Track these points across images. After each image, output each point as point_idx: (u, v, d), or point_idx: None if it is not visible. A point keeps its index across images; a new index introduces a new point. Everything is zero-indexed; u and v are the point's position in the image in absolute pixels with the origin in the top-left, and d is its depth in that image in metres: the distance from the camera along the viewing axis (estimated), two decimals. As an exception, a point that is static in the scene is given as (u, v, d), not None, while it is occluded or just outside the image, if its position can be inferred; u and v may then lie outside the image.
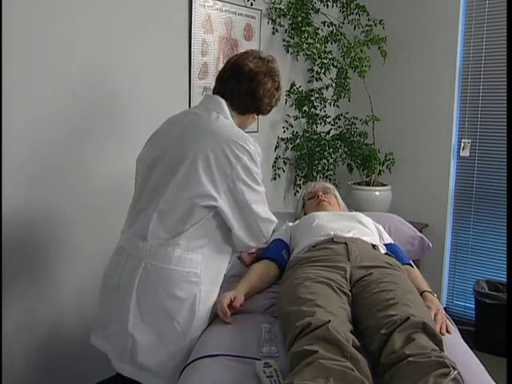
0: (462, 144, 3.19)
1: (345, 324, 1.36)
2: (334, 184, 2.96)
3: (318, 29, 3.18)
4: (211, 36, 2.68)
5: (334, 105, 3.35)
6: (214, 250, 1.60)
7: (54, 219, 2.10)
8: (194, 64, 2.61)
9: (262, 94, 1.66)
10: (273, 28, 3.10)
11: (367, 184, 3.27)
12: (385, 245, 1.96)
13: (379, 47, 3.13)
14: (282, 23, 3.15)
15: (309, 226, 1.98)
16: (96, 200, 2.23)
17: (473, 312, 3.10)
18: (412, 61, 3.34)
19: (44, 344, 2.12)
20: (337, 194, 2.37)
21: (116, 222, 1.86)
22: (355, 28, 3.18)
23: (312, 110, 3.32)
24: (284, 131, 3.29)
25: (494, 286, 3.03)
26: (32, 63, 1.94)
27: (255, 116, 1.76)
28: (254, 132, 2.99)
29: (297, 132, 3.34)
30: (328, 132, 3.37)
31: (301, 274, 1.61)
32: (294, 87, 3.28)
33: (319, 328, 1.26)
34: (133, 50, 2.30)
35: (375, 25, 3.15)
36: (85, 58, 2.11)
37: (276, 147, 3.28)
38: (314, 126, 3.36)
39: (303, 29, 3.13)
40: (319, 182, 2.49)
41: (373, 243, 1.85)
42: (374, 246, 1.84)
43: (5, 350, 1.95)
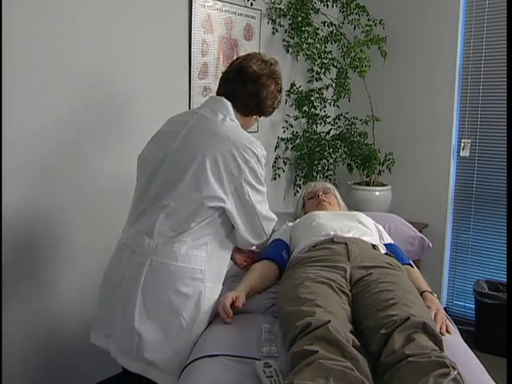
0: (462, 144, 3.19)
1: (345, 324, 1.36)
2: (334, 184, 2.96)
3: (318, 29, 3.18)
4: (211, 36, 2.68)
5: (334, 105, 3.35)
6: (217, 247, 1.63)
7: (55, 219, 2.10)
8: (194, 64, 2.61)
9: (266, 96, 1.69)
10: (273, 28, 3.10)
11: (367, 184, 3.27)
12: (385, 245, 1.96)
13: (379, 47, 3.13)
14: (282, 23, 3.15)
15: (309, 226, 1.98)
16: (96, 200, 2.23)
17: (473, 312, 3.10)
18: (412, 61, 3.34)
19: (44, 344, 2.12)
20: (337, 194, 2.37)
21: (116, 222, 1.86)
22: (355, 28, 3.18)
23: (312, 110, 3.32)
24: (284, 131, 3.29)
25: (494, 286, 3.03)
26: (32, 63, 1.94)
27: (258, 118, 1.78)
28: (254, 132, 2.99)
29: (297, 132, 3.34)
30: (328, 132, 3.37)
31: (301, 274, 1.61)
32: (294, 87, 3.28)
33: (319, 328, 1.26)
34: (133, 50, 2.30)
35: (375, 25, 3.15)
36: (85, 59, 2.12)
37: (276, 147, 3.28)
38: (314, 126, 3.36)
39: (303, 29, 3.13)
40: (319, 182, 2.49)
41: (373, 243, 1.85)
42: (374, 246, 1.84)
43: (5, 350, 1.95)
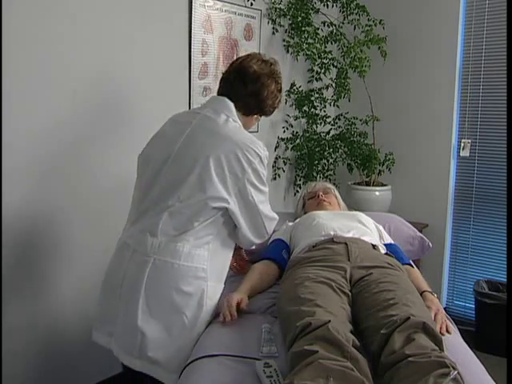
0: (462, 144, 3.19)
1: (345, 324, 1.36)
2: (334, 184, 2.96)
3: (318, 29, 3.18)
4: (211, 36, 2.68)
5: (334, 105, 3.35)
6: (219, 246, 1.64)
7: (55, 219, 2.10)
8: (194, 64, 2.61)
9: (266, 96, 1.70)
10: (273, 28, 3.10)
11: (367, 184, 3.27)
12: (385, 245, 1.96)
13: (379, 47, 3.13)
14: (282, 23, 3.14)
15: (309, 226, 1.98)
16: (96, 200, 2.23)
17: (473, 312, 3.10)
18: (412, 61, 3.34)
19: (45, 343, 2.12)
20: (337, 194, 2.38)
21: (116, 222, 1.86)
22: (355, 28, 3.18)
23: (312, 110, 3.32)
24: (284, 131, 3.29)
25: (494, 286, 3.03)
26: (32, 64, 1.94)
27: (258, 117, 1.79)
28: (254, 132, 2.99)
29: (297, 132, 3.34)
30: (328, 132, 3.37)
31: (301, 274, 1.61)
32: (294, 87, 3.28)
33: (319, 328, 1.26)
34: (133, 50, 2.30)
35: (375, 25, 3.15)
36: (85, 58, 2.11)
37: (276, 147, 3.28)
38: (314, 126, 3.35)
39: (303, 29, 3.13)
40: (319, 182, 2.49)
41: (373, 243, 1.85)
42: (374, 246, 1.84)
43: (5, 350, 1.95)
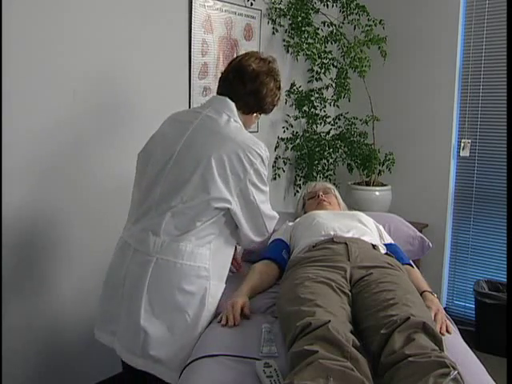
0: (462, 144, 3.19)
1: (345, 324, 1.36)
2: (334, 184, 2.96)
3: (318, 29, 3.18)
4: (211, 36, 2.68)
5: (334, 105, 3.35)
6: (221, 245, 1.65)
7: (55, 219, 2.10)
8: (194, 64, 2.61)
9: (265, 94, 1.71)
10: (273, 28, 3.10)
11: (367, 184, 3.27)
12: (385, 245, 1.96)
13: (379, 47, 3.12)
14: (282, 23, 3.14)
15: (308, 225, 1.98)
16: (97, 200, 2.23)
17: (473, 312, 3.10)
18: (412, 61, 3.34)
19: (44, 343, 2.12)
20: (337, 194, 2.37)
21: (116, 222, 1.86)
22: (355, 28, 3.18)
23: (312, 110, 3.32)
24: (284, 131, 3.29)
25: (494, 286, 3.03)
26: (32, 64, 1.94)
27: (258, 115, 1.80)
28: (255, 132, 2.99)
29: (297, 132, 3.34)
30: (328, 132, 3.37)
31: (301, 274, 1.61)
32: (294, 87, 3.28)
33: (319, 328, 1.26)
34: (133, 50, 2.30)
35: (375, 25, 3.14)
36: (85, 58, 2.11)
37: (276, 147, 3.28)
38: (314, 126, 3.35)
39: (303, 29, 3.13)
40: (319, 182, 2.49)
41: (373, 243, 1.85)
42: (374, 246, 1.84)
43: (5, 349, 1.95)
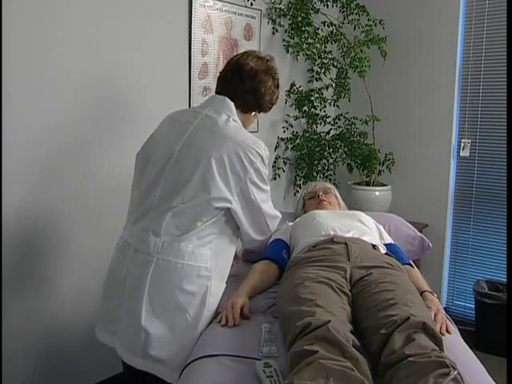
0: (462, 144, 3.19)
1: (345, 324, 1.36)
2: (334, 184, 2.96)
3: (318, 29, 3.18)
4: (211, 36, 2.68)
5: (334, 105, 3.35)
6: (222, 245, 1.65)
7: (55, 220, 2.10)
8: (194, 64, 2.61)
9: (264, 92, 1.70)
10: (273, 28, 3.10)
11: (367, 184, 3.27)
12: (385, 245, 1.96)
13: (379, 47, 3.13)
14: (282, 23, 3.14)
15: (309, 225, 1.98)
16: (96, 200, 2.23)
17: (473, 312, 3.10)
18: (412, 61, 3.34)
19: (45, 343, 2.12)
20: (337, 194, 2.37)
21: (116, 222, 1.86)
22: (355, 28, 3.18)
23: (312, 110, 3.32)
24: (284, 131, 3.29)
25: (494, 286, 3.03)
26: (32, 63, 1.94)
27: (257, 114, 1.79)
28: (254, 132, 2.99)
29: (297, 132, 3.34)
30: (328, 132, 3.37)
31: (301, 274, 1.61)
32: (294, 87, 3.28)
33: (319, 328, 1.26)
34: (133, 50, 2.30)
35: (375, 25, 3.15)
36: (84, 58, 2.11)
37: (276, 147, 3.28)
38: (314, 126, 3.36)
39: (303, 29, 3.13)
40: (320, 182, 2.49)
41: (373, 243, 1.85)
42: (374, 246, 1.84)
43: (5, 350, 1.95)
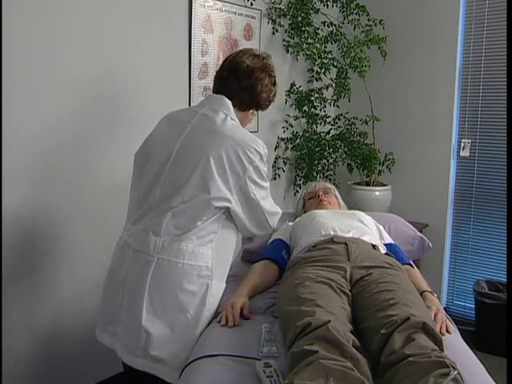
0: (462, 144, 3.19)
1: (345, 324, 1.36)
2: (334, 184, 2.96)
3: (318, 29, 3.18)
4: (211, 36, 2.68)
5: (334, 105, 3.35)
6: (223, 244, 1.65)
7: (55, 220, 2.10)
8: (194, 64, 2.61)
9: (261, 90, 1.70)
10: (273, 28, 3.10)
11: (367, 184, 3.27)
12: (385, 245, 1.95)
13: (379, 47, 3.13)
14: (282, 23, 3.15)
15: (309, 225, 1.98)
16: (96, 200, 2.23)
17: (473, 312, 3.10)
18: (412, 61, 3.34)
19: (45, 344, 2.12)
20: (337, 194, 2.37)
21: (116, 222, 1.86)
22: (355, 28, 3.18)
23: (312, 110, 3.32)
24: (284, 131, 3.29)
25: (494, 286, 3.03)
26: (32, 63, 1.94)
27: (255, 112, 1.79)
28: (254, 132, 2.99)
29: (297, 132, 3.34)
30: (328, 132, 3.37)
31: (301, 274, 1.60)
32: (294, 87, 3.28)
33: (319, 328, 1.26)
34: (133, 50, 2.30)
35: (375, 25, 3.15)
36: (84, 59, 2.11)
37: (276, 147, 3.28)
38: (314, 126, 3.36)
39: (303, 29, 3.13)
40: (320, 182, 2.49)
41: (373, 243, 1.85)
42: (374, 246, 1.84)
43: (5, 350, 1.95)
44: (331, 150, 3.29)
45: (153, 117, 1.80)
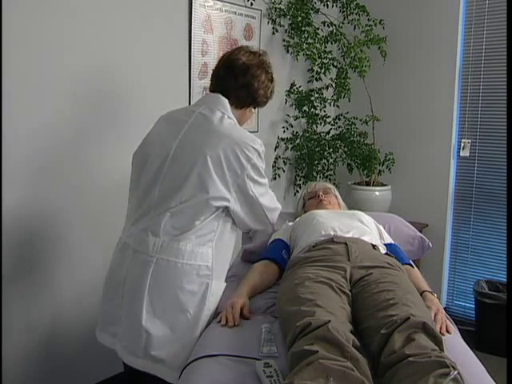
0: (462, 144, 3.19)
1: (345, 324, 1.36)
2: (334, 184, 2.96)
3: (318, 29, 3.18)
4: (211, 36, 2.68)
5: (334, 105, 3.35)
6: (222, 243, 1.64)
7: (54, 219, 2.10)
8: (194, 64, 2.61)
9: (257, 87, 1.69)
10: (273, 28, 3.10)
11: (367, 184, 3.27)
12: (385, 245, 1.95)
13: (379, 47, 3.13)
14: (282, 23, 3.15)
15: (309, 225, 1.98)
16: (96, 200, 2.23)
17: (473, 312, 3.10)
18: (412, 61, 3.34)
19: (44, 344, 2.12)
20: (337, 194, 2.37)
21: (116, 222, 1.86)
22: (355, 28, 3.18)
23: (312, 110, 3.32)
24: (284, 131, 3.29)
25: (494, 286, 3.03)
26: (32, 63, 1.94)
27: (253, 110, 1.78)
28: (254, 132, 3.00)
29: (297, 132, 3.34)
30: (328, 132, 3.37)
31: (301, 274, 1.60)
32: (294, 87, 3.28)
33: (319, 328, 1.26)
34: (133, 50, 2.31)
35: (375, 25, 3.15)
36: (85, 58, 2.12)
37: (276, 147, 3.28)
38: (314, 126, 3.36)
39: (303, 29, 3.13)
40: (320, 182, 2.49)
41: (373, 243, 1.85)
42: (374, 246, 1.84)
43: (5, 350, 1.95)
44: (331, 150, 3.29)
45: (153, 117, 1.80)
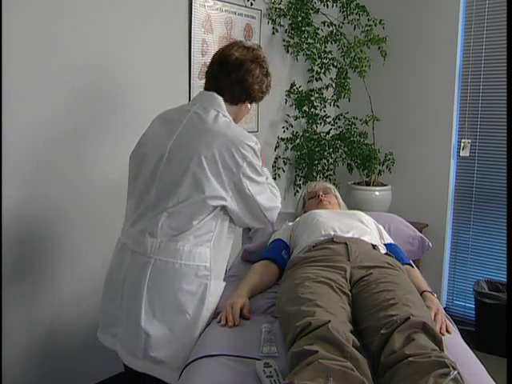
0: (462, 144, 3.19)
1: (345, 324, 1.36)
2: (334, 184, 2.96)
3: (318, 29, 3.18)
4: (211, 36, 2.68)
5: (334, 105, 3.35)
6: (220, 243, 1.64)
7: (54, 219, 2.10)
8: (194, 64, 2.61)
9: (252, 82, 1.67)
10: (273, 28, 3.10)
11: (367, 184, 3.27)
12: (385, 245, 1.95)
13: (379, 47, 3.13)
14: (282, 23, 3.15)
15: (309, 224, 1.98)
16: (96, 200, 2.23)
17: (473, 312, 3.10)
18: (412, 61, 3.34)
19: (44, 344, 2.12)
20: (337, 194, 2.37)
21: (116, 222, 1.86)
22: (355, 28, 3.18)
23: (312, 110, 3.32)
24: (284, 131, 3.29)
25: (494, 286, 3.03)
26: (31, 63, 1.94)
27: (248, 106, 1.75)
28: (254, 132, 3.00)
29: (297, 132, 3.34)
30: (328, 132, 3.37)
31: (301, 274, 1.60)
32: (294, 87, 3.28)
33: (319, 328, 1.26)
34: (133, 50, 2.30)
35: (375, 25, 3.15)
36: (84, 58, 2.12)
37: (276, 147, 3.28)
38: (314, 126, 3.36)
39: (303, 29, 3.14)
40: (320, 182, 2.49)
41: (373, 243, 1.85)
42: (374, 246, 1.84)
43: (5, 351, 1.95)
44: (331, 150, 3.29)
45: (153, 117, 1.80)
